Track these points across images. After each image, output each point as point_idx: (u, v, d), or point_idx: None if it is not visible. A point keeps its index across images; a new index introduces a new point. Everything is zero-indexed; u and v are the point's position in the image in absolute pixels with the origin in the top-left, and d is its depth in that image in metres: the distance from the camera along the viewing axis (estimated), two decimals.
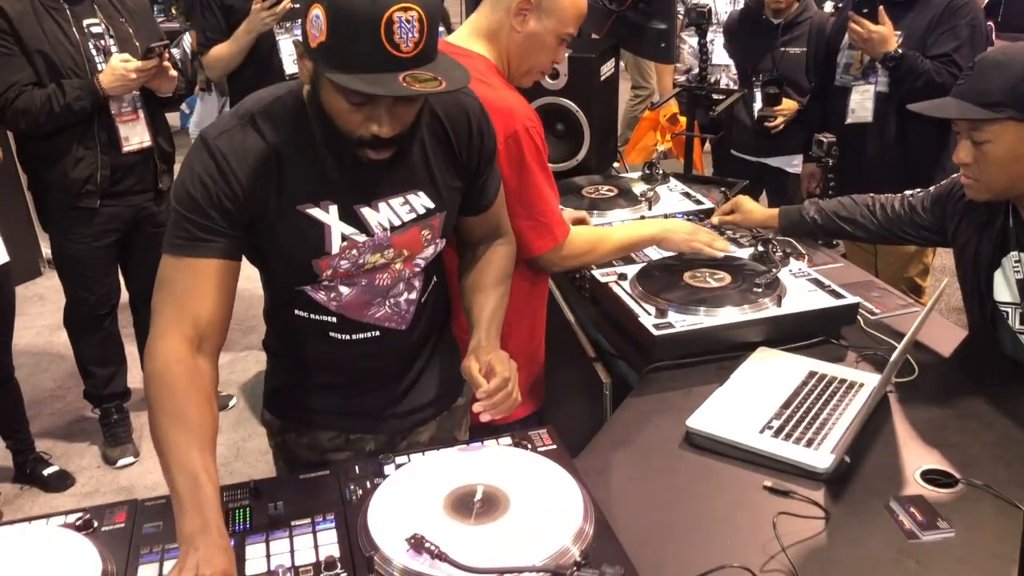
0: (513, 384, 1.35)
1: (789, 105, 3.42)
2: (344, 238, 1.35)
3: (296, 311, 1.45)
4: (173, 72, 2.80)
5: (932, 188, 1.95)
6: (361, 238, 1.37)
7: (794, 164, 3.57)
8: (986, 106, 1.59)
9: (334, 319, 1.45)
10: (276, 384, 1.60)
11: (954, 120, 1.68)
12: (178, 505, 1.13)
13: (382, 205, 1.37)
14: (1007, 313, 1.77)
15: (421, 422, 1.61)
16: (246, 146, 1.28)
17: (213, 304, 1.29)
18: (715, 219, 2.25)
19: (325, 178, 1.32)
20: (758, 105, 3.48)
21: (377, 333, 1.48)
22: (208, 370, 1.29)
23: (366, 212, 1.36)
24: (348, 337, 1.47)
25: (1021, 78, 1.57)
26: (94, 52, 2.73)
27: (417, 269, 1.47)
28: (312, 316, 1.45)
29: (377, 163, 1.29)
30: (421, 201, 1.40)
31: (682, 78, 4.34)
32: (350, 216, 1.35)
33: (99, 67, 2.71)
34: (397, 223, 1.39)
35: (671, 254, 2.02)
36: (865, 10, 2.81)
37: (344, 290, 1.42)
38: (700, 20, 2.84)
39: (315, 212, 1.33)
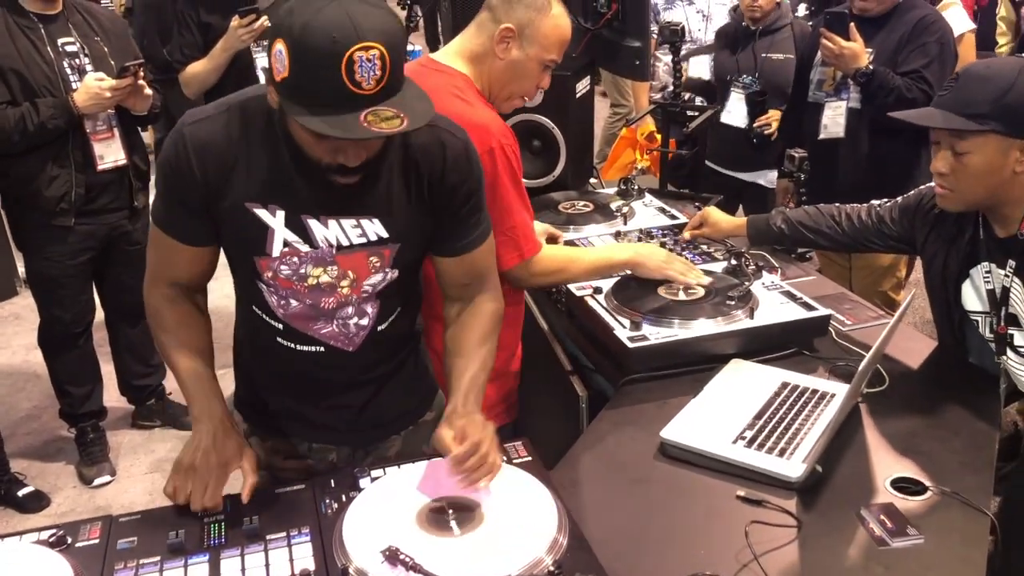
0: (488, 447, 1.32)
1: (774, 113, 3.46)
2: (286, 244, 1.36)
3: (253, 307, 1.47)
4: (148, 90, 2.80)
5: (899, 199, 1.98)
6: (304, 248, 1.37)
7: (770, 179, 3.61)
8: (970, 117, 1.62)
9: (281, 326, 1.45)
10: (241, 381, 1.62)
11: (934, 130, 1.71)
12: (187, 396, 1.42)
13: (332, 222, 1.36)
14: (977, 322, 1.81)
15: (383, 437, 1.60)
16: (210, 137, 1.33)
17: (187, 273, 1.45)
18: (686, 234, 2.27)
19: (279, 183, 1.34)
20: (740, 114, 3.50)
21: (322, 348, 1.47)
22: (194, 300, 1.48)
23: (314, 224, 1.36)
24: (293, 346, 1.47)
25: (1005, 92, 1.60)
26: (68, 71, 2.72)
27: (366, 295, 1.44)
28: (264, 317, 1.46)
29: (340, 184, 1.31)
30: (375, 228, 1.38)
31: (658, 95, 4.38)
32: (296, 225, 1.36)
33: (73, 86, 2.70)
34: (345, 243, 1.38)
35: None
36: (837, 26, 2.86)
37: (292, 302, 1.42)
38: (674, 38, 2.88)
39: (261, 213, 1.35)
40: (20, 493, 2.98)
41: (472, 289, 1.53)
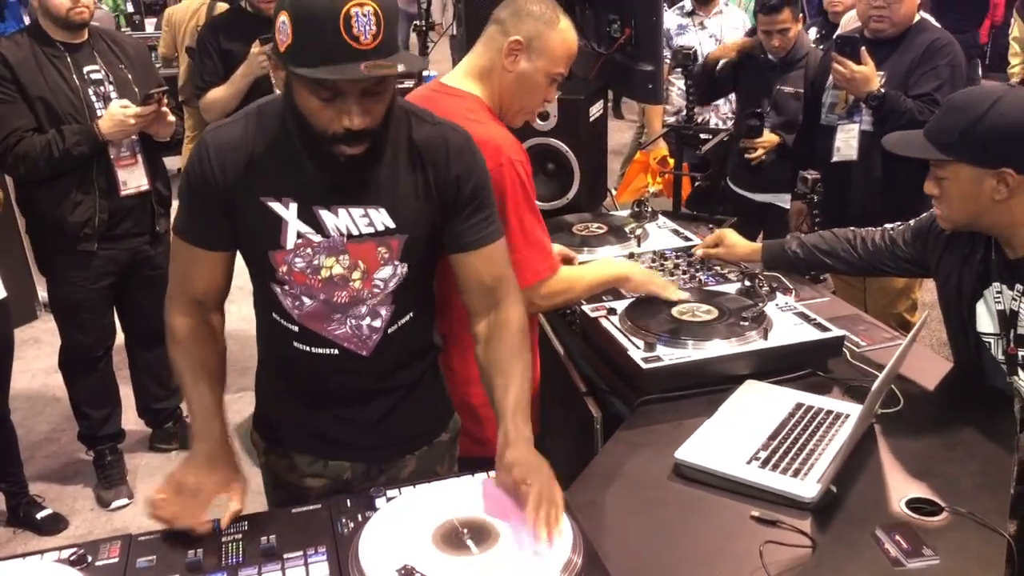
0: (551, 488, 1.30)
1: (770, 139, 3.48)
2: (300, 235, 1.42)
3: (272, 314, 1.51)
4: (171, 117, 2.85)
5: (912, 222, 1.99)
6: (316, 238, 1.42)
7: (787, 200, 3.62)
8: (941, 146, 1.69)
9: (296, 328, 1.49)
10: (261, 398, 1.65)
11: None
12: (190, 413, 1.49)
13: (342, 211, 1.42)
14: (989, 343, 1.81)
15: (397, 455, 1.61)
16: (228, 138, 1.42)
17: (208, 283, 1.50)
18: (699, 252, 2.29)
19: (292, 176, 1.40)
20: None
21: (336, 351, 1.50)
22: (209, 320, 1.53)
23: (324, 214, 1.41)
24: (309, 350, 1.50)
25: (971, 124, 1.65)
26: (94, 98, 2.78)
27: (377, 291, 1.47)
28: (281, 322, 1.50)
29: (341, 169, 1.36)
30: (381, 218, 1.43)
31: (672, 119, 4.42)
32: (308, 216, 1.41)
33: (98, 113, 2.76)
34: (355, 232, 1.43)
35: None
36: (848, 50, 2.88)
37: (306, 300, 1.46)
38: (686, 62, 2.91)
39: (275, 206, 1.41)
40: (38, 516, 3.00)
41: (496, 294, 1.53)
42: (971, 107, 1.67)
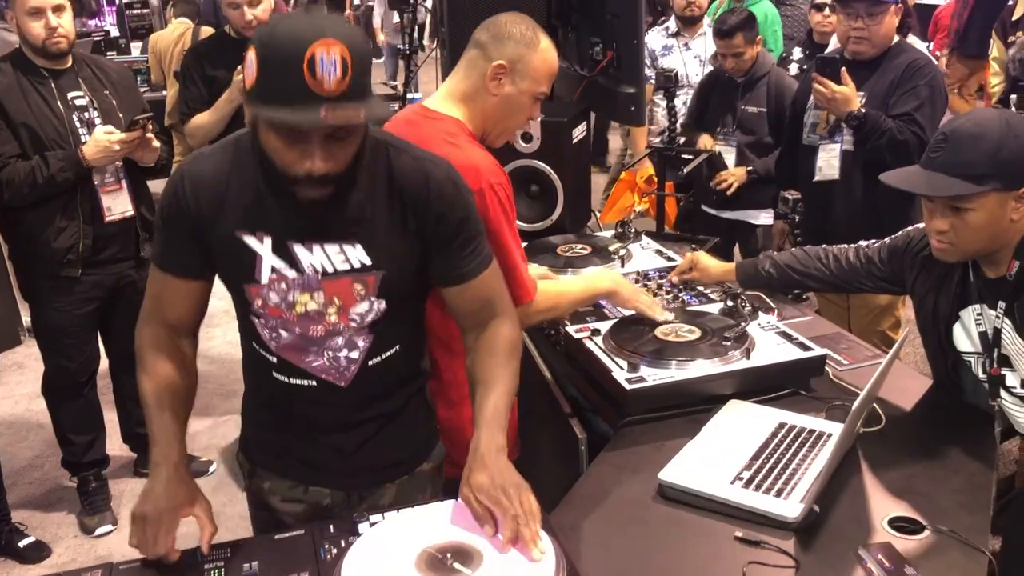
0: (522, 507, 1.30)
1: (737, 172, 3.58)
2: (274, 270, 1.41)
3: (252, 343, 1.51)
4: (156, 143, 2.85)
5: (888, 240, 2.01)
6: (291, 273, 1.41)
7: (759, 217, 3.69)
8: (970, 178, 1.63)
9: (275, 359, 1.49)
10: (247, 421, 1.65)
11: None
12: (151, 437, 1.44)
13: (316, 248, 1.41)
14: (971, 363, 1.82)
15: (378, 483, 1.60)
16: (204, 170, 1.41)
17: (181, 310, 1.50)
18: (674, 278, 2.29)
19: (266, 211, 1.39)
20: (727, 162, 3.61)
21: (314, 383, 1.49)
22: (180, 346, 1.52)
23: (299, 250, 1.41)
24: (287, 380, 1.50)
25: (999, 147, 1.62)
26: (78, 124, 2.78)
27: (354, 324, 1.46)
28: (261, 352, 1.50)
29: (317, 205, 1.35)
30: (357, 255, 1.42)
31: (656, 139, 4.45)
32: (283, 251, 1.41)
33: (83, 139, 2.76)
34: (330, 269, 1.42)
35: None
36: (828, 71, 2.92)
37: (283, 333, 1.46)
38: (668, 84, 2.94)
39: (250, 240, 1.41)
40: (21, 544, 2.97)
41: (484, 315, 1.54)
42: (985, 136, 1.63)
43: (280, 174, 1.32)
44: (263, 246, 1.40)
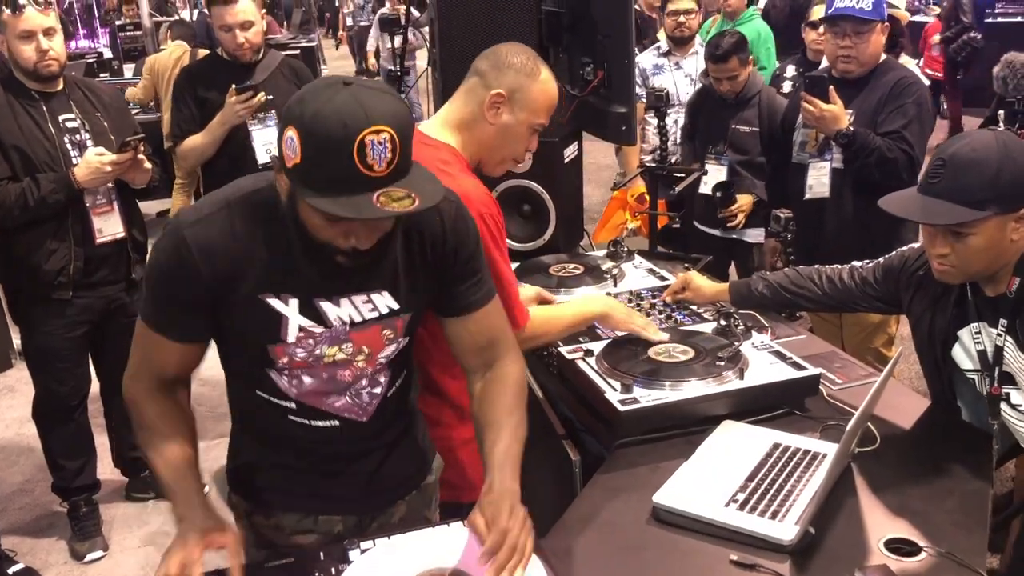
0: (518, 534, 1.31)
1: (745, 200, 3.58)
2: (301, 329, 1.38)
3: (257, 391, 1.47)
4: (148, 164, 2.85)
5: (882, 260, 2.01)
6: (318, 330, 1.39)
7: (754, 235, 3.69)
8: (971, 204, 1.64)
9: (293, 404, 1.46)
10: (239, 462, 1.60)
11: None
12: (168, 493, 1.41)
13: (344, 301, 1.39)
14: (974, 380, 1.81)
15: (390, 502, 1.60)
16: (214, 237, 1.33)
17: (176, 367, 1.44)
18: (667, 298, 2.29)
19: (290, 273, 1.35)
20: (714, 180, 3.61)
21: (336, 423, 1.48)
22: (178, 397, 1.47)
23: (326, 306, 1.38)
24: (308, 423, 1.48)
25: (998, 171, 1.62)
26: (69, 146, 2.78)
27: (380, 366, 1.47)
28: (272, 399, 1.46)
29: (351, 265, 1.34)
30: (385, 301, 1.41)
31: (648, 157, 4.47)
32: (309, 309, 1.37)
33: (74, 161, 2.75)
34: (358, 319, 1.40)
35: None
36: (816, 90, 2.93)
37: (306, 379, 1.43)
38: (659, 103, 2.95)
39: (275, 303, 1.36)
40: (11, 571, 2.93)
41: (490, 354, 1.54)
42: (984, 161, 1.63)
43: (320, 244, 1.30)
44: (289, 307, 1.36)
